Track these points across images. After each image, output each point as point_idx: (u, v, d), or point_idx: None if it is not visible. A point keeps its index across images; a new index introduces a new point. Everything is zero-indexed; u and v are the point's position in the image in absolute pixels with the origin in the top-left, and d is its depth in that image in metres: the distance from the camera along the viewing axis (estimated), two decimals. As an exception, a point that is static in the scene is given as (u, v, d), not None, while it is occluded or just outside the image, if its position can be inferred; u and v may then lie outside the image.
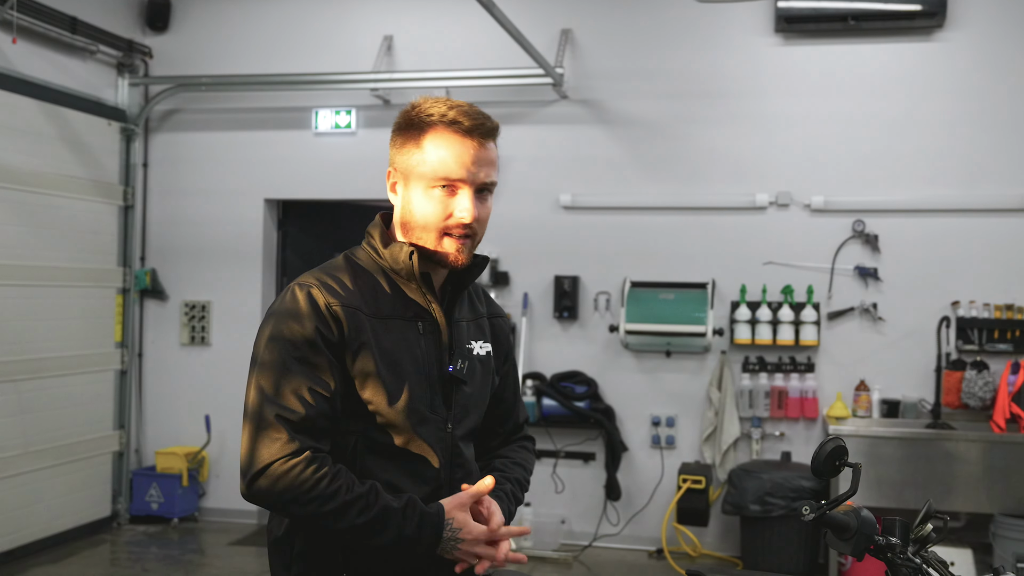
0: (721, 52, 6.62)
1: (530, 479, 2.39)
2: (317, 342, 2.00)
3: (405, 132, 2.13)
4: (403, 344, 2.09)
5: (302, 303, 2.03)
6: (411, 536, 1.99)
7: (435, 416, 2.12)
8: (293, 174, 7.23)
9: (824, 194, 6.42)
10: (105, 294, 7.01)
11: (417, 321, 2.13)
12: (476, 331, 2.29)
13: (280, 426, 1.96)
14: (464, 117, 2.10)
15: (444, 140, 2.09)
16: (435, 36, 7.03)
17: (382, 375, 2.04)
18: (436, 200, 2.10)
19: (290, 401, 1.97)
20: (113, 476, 7.06)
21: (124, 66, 7.20)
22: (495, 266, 6.86)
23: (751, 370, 6.48)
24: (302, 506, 1.95)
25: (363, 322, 2.05)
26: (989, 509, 5.64)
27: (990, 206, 6.20)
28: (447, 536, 2.01)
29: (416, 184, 2.11)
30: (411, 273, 2.12)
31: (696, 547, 6.50)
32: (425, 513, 2.01)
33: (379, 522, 1.97)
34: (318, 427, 2.00)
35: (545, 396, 6.65)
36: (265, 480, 1.95)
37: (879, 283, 6.34)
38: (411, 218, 2.13)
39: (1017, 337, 6.11)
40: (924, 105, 6.32)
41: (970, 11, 6.26)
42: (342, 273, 2.12)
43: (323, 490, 1.94)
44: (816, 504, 1.93)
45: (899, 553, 1.87)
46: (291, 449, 1.95)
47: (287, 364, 1.99)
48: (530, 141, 6.85)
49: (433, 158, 2.09)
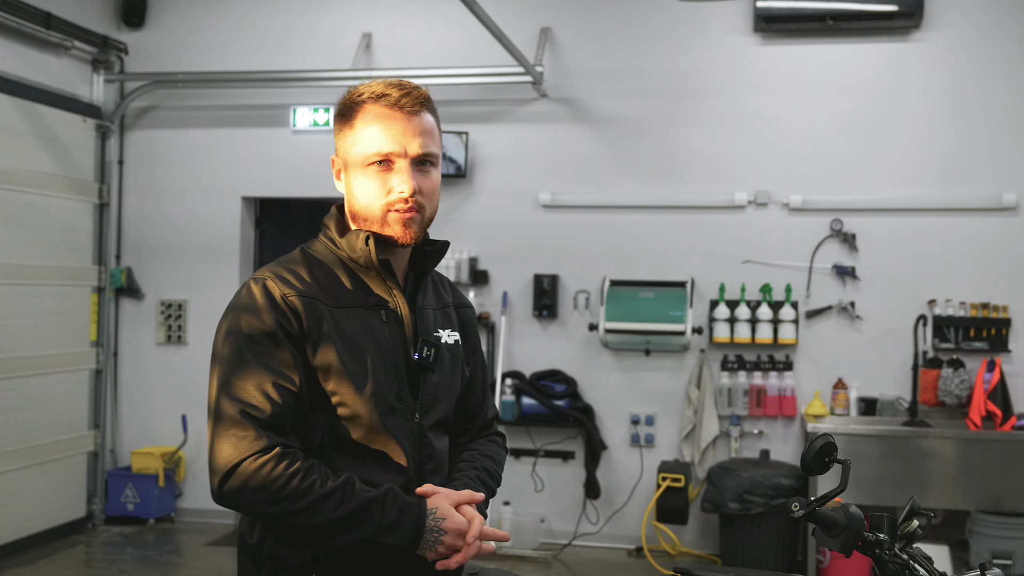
0: (700, 51, 6.64)
1: (501, 473, 2.33)
2: (277, 335, 1.95)
3: (340, 118, 2.10)
4: (365, 333, 2.04)
5: (258, 296, 1.98)
6: (391, 526, 1.92)
7: (402, 406, 2.07)
8: (271, 172, 7.19)
9: (802, 193, 6.45)
10: (80, 293, 6.94)
11: (379, 309, 2.08)
12: (444, 319, 2.24)
13: (246, 423, 1.90)
14: (391, 89, 2.05)
15: (373, 116, 2.05)
16: (414, 34, 7.01)
17: (346, 365, 1.99)
18: (373, 178, 2.05)
19: (254, 397, 1.92)
20: (88, 476, 6.99)
21: (99, 62, 7.13)
22: (474, 264, 6.85)
23: (730, 368, 6.50)
24: (276, 504, 1.89)
25: (322, 312, 2.00)
26: (965, 506, 5.69)
27: (966, 205, 6.25)
28: (430, 526, 1.94)
29: (354, 167, 2.08)
30: (369, 260, 2.07)
31: (675, 545, 6.52)
32: (406, 502, 1.95)
33: (358, 514, 1.91)
34: (285, 422, 1.94)
35: (524, 395, 6.64)
36: (235, 480, 1.89)
37: (857, 282, 6.38)
38: (355, 202, 2.09)
39: (993, 335, 6.16)
40: (901, 105, 6.36)
41: (947, 12, 6.31)
42: (298, 265, 2.07)
43: (296, 486, 1.88)
44: (805, 500, 1.93)
45: (886, 549, 1.88)
46: (259, 446, 1.89)
47: (248, 360, 1.94)
48: (509, 139, 6.84)
49: (364, 136, 2.05)
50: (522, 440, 6.78)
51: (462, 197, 6.88)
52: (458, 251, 6.84)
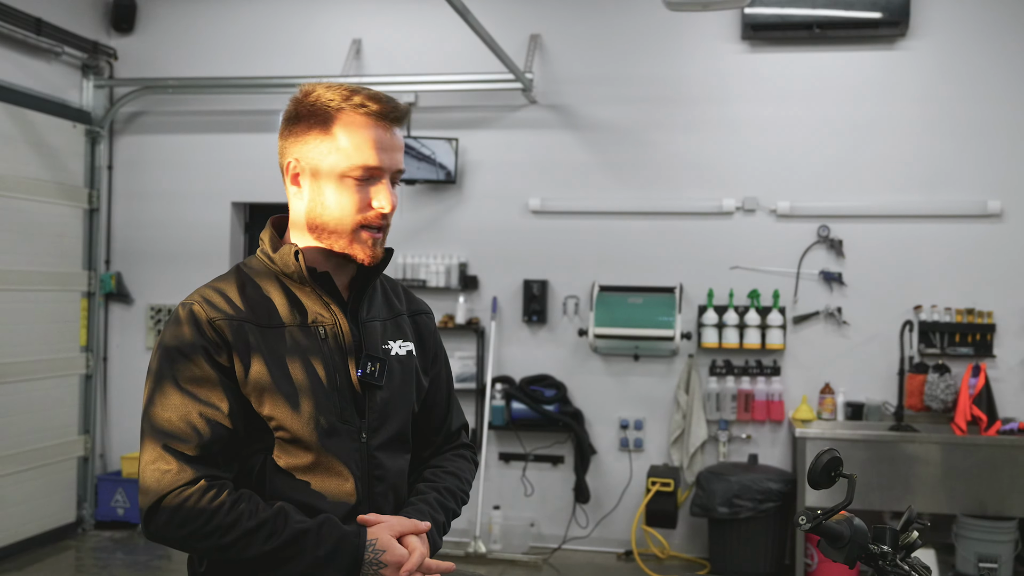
0: (689, 58, 6.68)
1: (468, 490, 2.22)
2: (202, 361, 1.87)
3: (307, 121, 1.96)
4: (299, 352, 1.94)
5: (184, 321, 1.90)
6: (326, 560, 1.84)
7: (346, 426, 1.96)
8: (261, 177, 7.18)
9: (790, 199, 6.50)
10: (70, 298, 6.94)
11: (317, 326, 1.98)
12: (394, 330, 2.12)
13: (169, 456, 1.83)
14: (373, 101, 1.95)
15: (358, 126, 1.94)
16: (404, 40, 7.04)
17: (280, 388, 1.90)
18: (351, 191, 1.94)
19: (179, 429, 1.84)
20: (78, 481, 6.99)
21: (89, 68, 7.13)
22: (464, 270, 6.88)
23: (718, 373, 6.54)
24: (203, 539, 1.82)
25: (252, 334, 1.91)
26: (951, 510, 5.74)
27: (952, 212, 6.31)
28: (368, 559, 1.86)
29: (327, 177, 1.95)
30: (301, 276, 1.97)
31: (664, 549, 6.55)
32: (343, 534, 1.86)
33: (290, 547, 1.82)
34: (214, 453, 1.86)
35: (514, 400, 6.67)
36: (161, 515, 1.82)
37: (844, 287, 6.43)
38: (322, 213, 1.96)
39: (978, 341, 6.22)
40: (888, 112, 6.42)
41: (933, 20, 6.37)
42: (228, 285, 1.98)
43: (222, 519, 1.81)
44: (812, 513, 1.95)
45: (889, 561, 1.91)
46: (184, 479, 1.82)
47: (174, 388, 1.86)
48: (499, 145, 6.87)
49: (347, 145, 1.93)
50: (512, 445, 6.81)
51: (452, 203, 6.91)
52: (448, 257, 6.86)
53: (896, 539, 1.96)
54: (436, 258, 6.86)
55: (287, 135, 2.00)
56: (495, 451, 6.83)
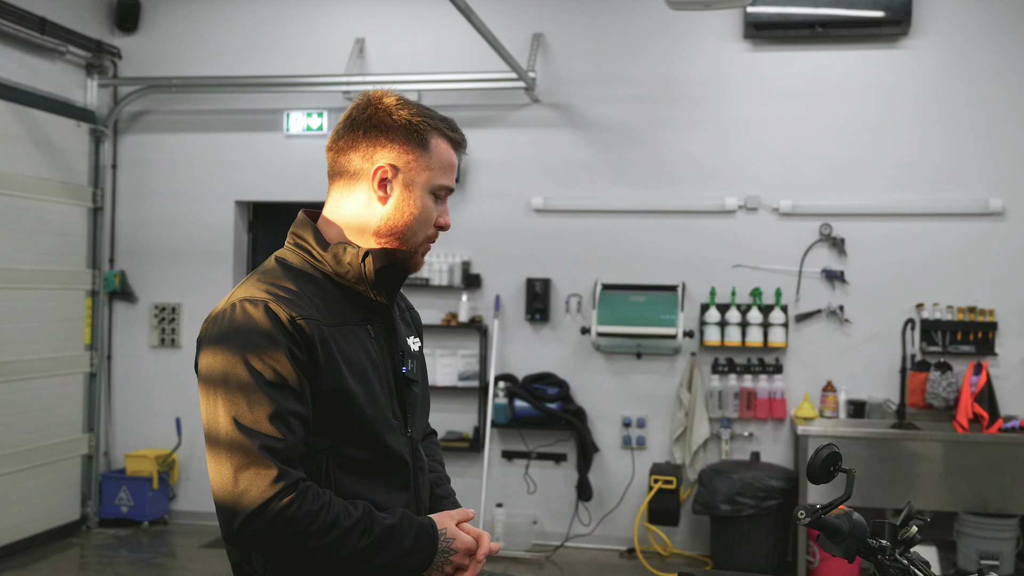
0: (691, 57, 6.70)
1: None
2: (285, 360, 1.86)
3: (402, 134, 2.04)
4: (362, 351, 2.00)
5: (262, 320, 1.87)
6: (409, 551, 1.92)
7: (397, 422, 2.05)
8: (264, 176, 7.22)
9: (792, 198, 6.51)
10: (74, 296, 6.96)
11: (367, 324, 2.05)
12: (407, 327, 2.23)
13: (267, 459, 1.80)
14: (457, 131, 2.12)
15: (446, 147, 2.09)
16: (407, 39, 7.05)
17: (352, 387, 1.94)
18: (432, 206, 2.08)
19: (272, 430, 1.82)
20: (82, 479, 7.01)
21: (93, 67, 7.15)
22: (467, 268, 6.89)
23: (720, 371, 6.56)
24: (305, 540, 1.82)
25: (325, 332, 1.94)
26: (953, 507, 5.76)
27: (953, 210, 6.33)
28: (442, 547, 1.96)
29: (421, 188, 2.06)
30: (361, 276, 2.02)
31: (667, 546, 6.57)
32: (421, 525, 1.96)
33: (381, 542, 1.89)
34: (299, 454, 1.87)
35: (517, 398, 6.69)
36: (262, 522, 1.80)
37: (846, 286, 6.45)
38: (408, 221, 2.05)
39: (979, 339, 6.23)
40: (890, 111, 6.43)
41: (934, 19, 6.38)
42: (287, 281, 1.98)
43: (324, 520, 1.83)
44: (811, 508, 1.97)
45: (888, 555, 1.93)
46: (282, 485, 1.80)
47: (259, 389, 1.83)
48: (502, 144, 6.89)
49: (442, 165, 2.08)
50: (515, 442, 6.83)
51: (455, 201, 6.92)
52: (451, 255, 6.88)
53: (895, 534, 1.98)
54: (439, 256, 6.88)
55: (373, 141, 2.05)
56: (498, 449, 6.85)
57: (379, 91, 2.09)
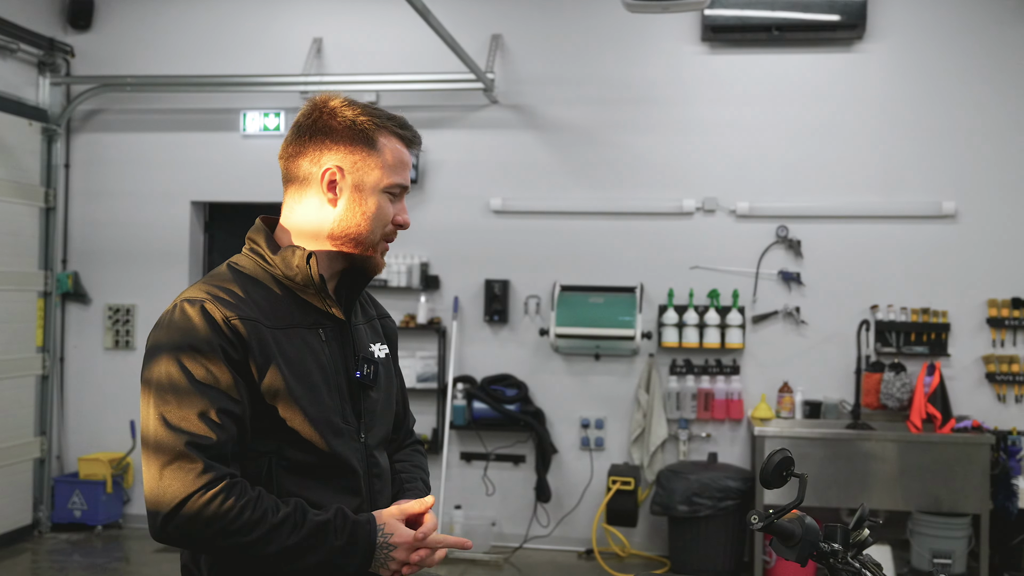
0: (649, 60, 6.72)
1: (428, 482, 2.35)
2: (218, 360, 1.88)
3: (348, 136, 2.04)
4: (308, 353, 1.99)
5: (197, 320, 1.89)
6: (344, 549, 1.89)
7: (348, 427, 2.03)
8: (220, 176, 7.15)
9: (749, 200, 6.56)
10: (26, 298, 6.85)
11: (318, 328, 2.04)
12: (373, 334, 2.22)
13: (193, 455, 1.82)
14: (407, 128, 2.11)
15: (396, 144, 2.08)
16: (365, 39, 7.02)
17: (291, 389, 1.93)
18: (386, 205, 2.07)
19: (199, 427, 1.83)
20: (34, 483, 6.90)
21: (45, 65, 7.05)
22: (426, 270, 6.87)
23: (678, 373, 6.59)
24: (228, 537, 1.82)
25: (264, 334, 1.94)
26: (906, 507, 5.82)
27: (907, 213, 6.40)
28: (380, 543, 1.93)
29: (370, 190, 2.05)
30: (308, 278, 2.01)
31: (625, 547, 6.59)
32: (357, 522, 1.93)
33: (311, 539, 1.87)
34: (230, 451, 1.88)
35: (475, 399, 6.68)
36: (183, 518, 1.81)
37: (802, 287, 6.50)
38: (360, 223, 2.05)
39: (933, 340, 6.31)
40: (845, 114, 6.50)
41: (889, 24, 6.45)
42: (232, 284, 1.99)
43: (249, 517, 1.83)
44: (764, 513, 1.98)
45: (840, 559, 1.94)
46: (206, 480, 1.81)
47: (190, 387, 1.85)
48: (460, 145, 6.88)
49: (391, 164, 2.07)
50: (473, 444, 6.82)
51: (413, 203, 6.90)
52: (409, 256, 6.86)
53: (847, 537, 2.00)
54: (398, 258, 6.85)
55: (319, 145, 2.05)
56: (456, 450, 6.83)
57: (326, 95, 2.10)
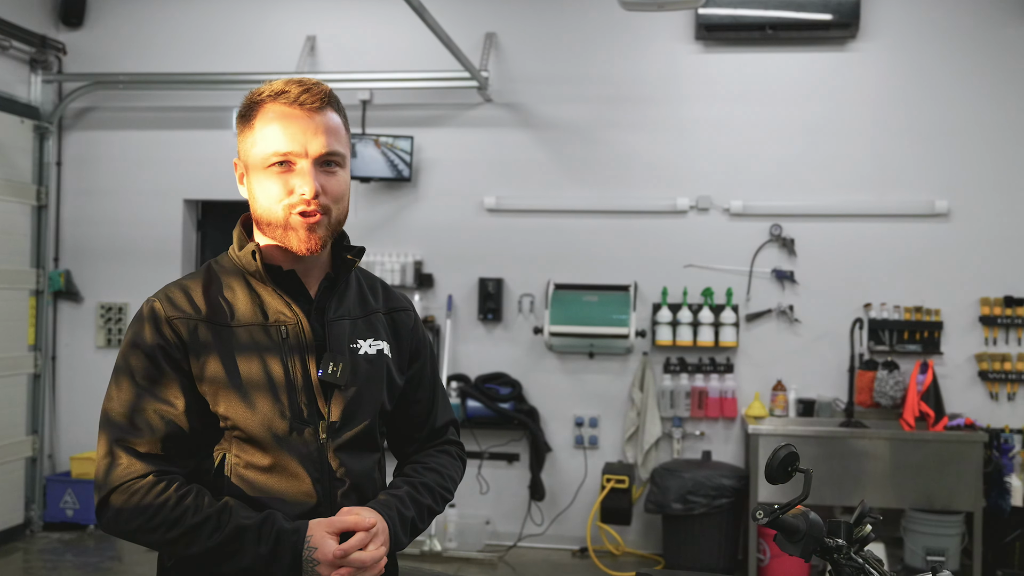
0: (643, 58, 6.72)
1: (451, 486, 2.18)
2: (158, 358, 1.90)
3: (241, 119, 1.99)
4: (256, 352, 1.94)
5: (145, 319, 1.93)
6: (268, 557, 1.83)
7: (304, 426, 1.94)
8: (213, 174, 7.11)
9: (743, 199, 6.56)
10: (18, 296, 6.82)
11: (279, 325, 1.96)
12: (365, 328, 2.08)
13: (120, 450, 1.87)
14: (290, 86, 1.94)
15: (274, 115, 1.93)
16: (359, 37, 7.00)
17: (234, 387, 1.90)
18: (274, 180, 1.93)
19: (131, 424, 1.87)
20: (26, 482, 6.87)
21: (37, 62, 7.01)
22: (419, 268, 6.86)
23: (672, 371, 6.59)
24: (149, 533, 1.84)
25: (208, 333, 1.92)
26: (899, 504, 5.83)
27: (901, 212, 6.41)
28: (305, 556, 1.84)
29: (254, 169, 1.96)
30: (259, 273, 1.96)
31: (619, 545, 6.59)
32: (283, 530, 1.85)
33: (231, 543, 1.83)
34: (167, 449, 1.88)
35: (469, 398, 6.67)
36: (110, 509, 1.86)
37: (795, 286, 6.51)
38: (257, 207, 1.97)
39: (926, 338, 6.33)
40: (838, 113, 6.51)
41: (882, 22, 6.47)
42: (194, 283, 1.99)
43: (168, 514, 1.83)
44: (769, 508, 1.98)
45: (844, 555, 1.95)
46: (133, 473, 1.85)
47: (131, 384, 1.90)
48: (454, 144, 6.87)
49: (264, 135, 1.93)
50: (467, 443, 6.81)
51: (407, 201, 6.90)
52: (403, 255, 6.85)
53: (850, 533, 2.00)
54: (391, 256, 6.84)
55: (237, 135, 2.04)
56: (450, 449, 6.82)
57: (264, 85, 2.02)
